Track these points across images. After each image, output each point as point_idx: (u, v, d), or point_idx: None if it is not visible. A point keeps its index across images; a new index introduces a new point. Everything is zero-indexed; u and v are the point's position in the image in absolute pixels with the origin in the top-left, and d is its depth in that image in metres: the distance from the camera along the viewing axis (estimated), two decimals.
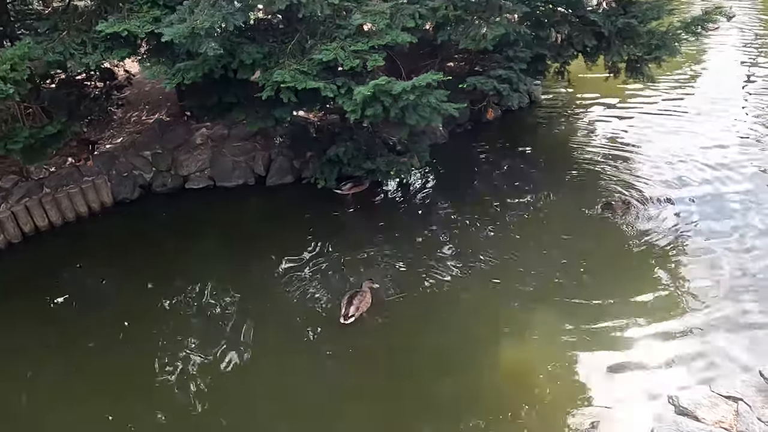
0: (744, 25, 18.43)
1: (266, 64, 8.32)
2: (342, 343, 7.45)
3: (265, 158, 11.18)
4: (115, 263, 9.36)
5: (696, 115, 12.60)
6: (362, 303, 7.62)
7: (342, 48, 8.02)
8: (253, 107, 9.39)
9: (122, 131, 11.92)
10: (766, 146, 11.11)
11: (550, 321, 7.39)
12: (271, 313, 8.02)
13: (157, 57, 8.43)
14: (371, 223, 9.72)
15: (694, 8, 18.74)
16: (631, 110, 12.96)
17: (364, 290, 7.78)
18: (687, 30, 10.10)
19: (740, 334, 6.99)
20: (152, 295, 8.54)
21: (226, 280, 8.63)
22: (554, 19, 10.52)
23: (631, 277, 8.13)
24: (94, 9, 8.57)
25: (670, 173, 10.42)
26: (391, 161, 9.97)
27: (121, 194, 10.83)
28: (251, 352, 7.42)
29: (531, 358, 6.97)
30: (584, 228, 9.19)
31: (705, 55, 15.93)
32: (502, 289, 8.03)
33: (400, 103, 7.90)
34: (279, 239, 9.42)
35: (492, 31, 8.47)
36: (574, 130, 12.38)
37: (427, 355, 7.19)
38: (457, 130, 12.22)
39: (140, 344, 7.65)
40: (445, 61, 11.30)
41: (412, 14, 8.51)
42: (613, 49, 10.17)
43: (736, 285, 7.71)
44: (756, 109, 12.74)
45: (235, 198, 10.83)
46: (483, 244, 8.96)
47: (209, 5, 7.17)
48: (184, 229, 10.00)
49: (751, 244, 8.48)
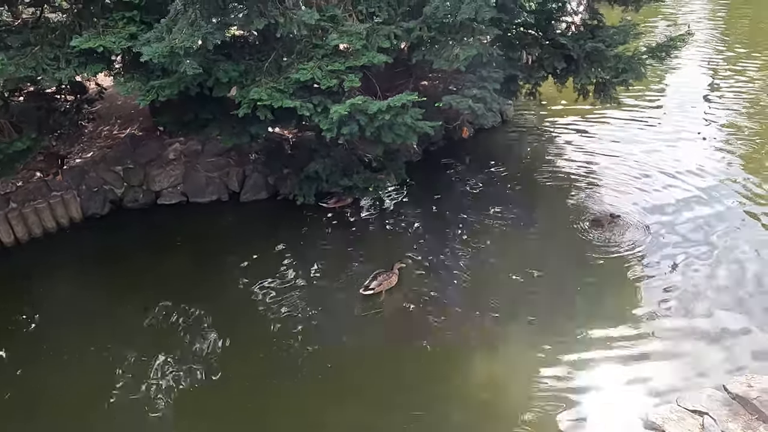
0: (706, 43, 19.31)
1: (243, 82, 8.34)
2: (313, 362, 7.42)
3: (240, 174, 11.15)
4: (83, 280, 9.20)
5: (662, 131, 13.06)
6: (386, 282, 8.29)
7: (319, 67, 8.10)
8: (228, 123, 9.37)
9: (93, 145, 11.74)
10: (733, 161, 11.58)
11: (519, 339, 7.51)
12: (242, 332, 7.95)
13: (132, 73, 8.38)
14: (345, 240, 9.76)
15: (658, 28, 19.55)
16: (600, 128, 13.33)
17: (394, 272, 8.40)
18: (652, 55, 10.48)
19: (706, 349, 7.20)
20: (120, 313, 8.38)
21: (196, 298, 8.54)
22: (525, 41, 10.82)
23: (600, 294, 8.31)
24: (68, 24, 8.48)
25: (639, 189, 10.74)
26: (367, 178, 10.06)
27: (91, 209, 10.66)
28: (221, 370, 7.33)
29: (498, 376, 7.07)
30: (556, 244, 9.40)
31: (669, 73, 16.55)
32: (474, 305, 8.13)
33: (376, 123, 8.01)
34: (252, 255, 9.38)
35: (465, 52, 8.64)
36: (545, 148, 12.68)
37: (393, 369, 7.25)
38: (432, 147, 12.39)
39: (107, 361, 7.50)
40: (419, 80, 11.47)
41: (387, 35, 8.67)
42: (581, 72, 10.49)
43: (703, 300, 7.96)
44: (718, 124, 13.33)
45: (208, 214, 10.76)
46: (456, 259, 9.08)
47: (188, 24, 7.16)
48: (155, 246, 9.88)
49: (717, 257, 8.77)
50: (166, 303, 8.44)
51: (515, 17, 9.98)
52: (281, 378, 7.20)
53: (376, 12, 9.16)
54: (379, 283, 8.25)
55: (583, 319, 7.78)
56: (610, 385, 6.82)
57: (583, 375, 6.96)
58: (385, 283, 8.28)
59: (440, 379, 7.07)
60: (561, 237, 9.60)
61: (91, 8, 8.59)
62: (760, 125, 13.04)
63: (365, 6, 9.07)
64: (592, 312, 7.89)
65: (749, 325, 7.47)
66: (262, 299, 8.48)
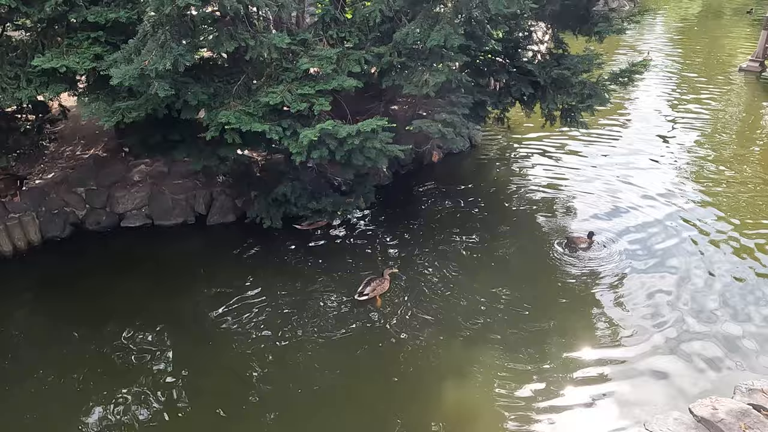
0: (667, 69, 20.13)
1: (211, 105, 8.25)
2: (275, 382, 7.26)
3: (207, 196, 10.95)
4: (37, 306, 8.84)
5: (627, 154, 13.50)
6: (379, 287, 8.56)
7: (289, 91, 8.08)
8: (196, 145, 9.24)
9: (54, 166, 11.40)
10: (695, 184, 12.00)
11: (489, 361, 7.50)
12: (202, 360, 7.71)
13: (96, 93, 8.20)
14: (313, 263, 9.64)
15: (619, 57, 20.24)
16: (566, 152, 13.64)
17: (385, 277, 8.66)
18: (615, 82, 10.80)
19: (672, 372, 7.30)
20: (77, 340, 8.06)
21: (158, 323, 8.28)
22: (493, 68, 11.03)
23: (566, 315, 8.37)
24: (31, 43, 8.28)
25: (605, 213, 10.96)
26: (337, 201, 10.00)
27: (51, 232, 10.30)
28: (185, 400, 7.08)
29: (468, 399, 7.02)
30: (523, 266, 9.49)
31: (633, 98, 17.17)
32: (444, 327, 8.10)
33: (346, 147, 8.00)
34: (216, 280, 9.18)
35: (434, 77, 8.75)
36: (513, 172, 12.86)
37: (367, 392, 7.14)
38: (401, 171, 12.43)
39: (57, 391, 7.19)
40: (390, 104, 11.56)
41: (357, 60, 8.72)
42: (548, 98, 10.72)
43: (669, 322, 8.09)
44: (680, 146, 13.92)
45: (173, 237, 10.51)
46: (425, 282, 9.06)
47: (158, 45, 7.06)
48: (116, 269, 9.54)
49: (681, 279, 8.98)
50: (125, 329, 8.15)
51: (483, 45, 10.17)
52: (237, 420, 6.87)
53: (347, 37, 9.23)
54: (373, 288, 8.50)
55: (549, 340, 7.83)
56: (576, 410, 6.83)
57: (547, 400, 6.95)
58: (378, 288, 8.54)
59: (404, 401, 6.98)
60: (528, 258, 9.69)
61: (55, 27, 8.42)
62: (715, 149, 13.62)
63: (336, 31, 9.13)
64: (557, 333, 7.95)
65: (715, 348, 7.63)
66: (225, 326, 8.25)
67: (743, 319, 8.15)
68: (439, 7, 9.10)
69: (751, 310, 8.31)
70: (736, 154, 13.45)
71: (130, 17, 8.15)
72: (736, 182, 12.00)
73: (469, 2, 8.62)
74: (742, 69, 19.76)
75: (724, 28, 28.17)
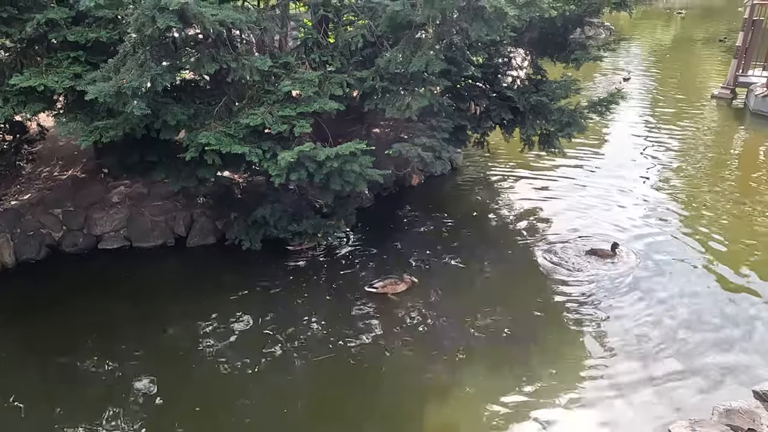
0: (641, 95, 20.60)
1: (191, 125, 8.23)
2: (256, 406, 7.10)
3: (187, 218, 10.86)
4: (7, 331, 8.58)
5: (605, 177, 13.71)
6: (390, 286, 8.81)
7: (270, 113, 8.10)
8: (176, 166, 9.18)
9: (31, 187, 11.24)
10: (674, 204, 12.24)
11: (472, 381, 7.45)
12: (179, 387, 7.53)
13: (75, 113, 8.14)
14: (293, 287, 9.55)
15: (597, 83, 20.72)
16: (546, 176, 13.81)
17: (404, 280, 8.90)
18: (593, 110, 11.03)
19: (651, 394, 7.28)
20: (50, 368, 7.83)
21: (136, 348, 8.10)
22: (474, 93, 11.22)
23: (552, 335, 8.36)
24: (9, 62, 8.22)
25: (586, 236, 11.03)
26: (317, 224, 9.98)
27: (25, 254, 10.11)
28: (164, 427, 6.88)
29: (451, 419, 6.95)
30: (505, 286, 9.54)
31: (612, 122, 17.54)
32: (426, 352, 8.04)
33: (324, 170, 8.01)
34: (196, 302, 9.03)
35: (416, 102, 8.85)
36: (494, 195, 12.98)
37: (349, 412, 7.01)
38: (383, 194, 12.47)
39: (31, 424, 6.92)
40: (371, 127, 11.64)
41: (340, 83, 8.80)
42: (527, 124, 10.90)
43: (651, 345, 8.08)
44: (656, 171, 14.17)
45: (152, 259, 10.37)
46: (405, 306, 9.02)
47: (137, 65, 7.06)
48: (92, 293, 9.34)
49: (669, 304, 8.99)
50: (100, 355, 7.95)
51: (464, 70, 10.35)
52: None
53: (329, 61, 9.33)
54: (384, 285, 8.75)
55: (532, 360, 7.80)
56: (557, 430, 6.81)
57: (528, 420, 6.89)
58: (389, 286, 8.75)
59: (386, 421, 6.89)
60: (510, 278, 9.74)
61: (35, 47, 8.39)
62: (694, 171, 13.90)
63: (318, 55, 9.22)
64: (539, 353, 7.93)
65: (693, 371, 7.66)
66: (204, 349, 8.11)
67: (726, 340, 8.18)
68: (421, 33, 9.25)
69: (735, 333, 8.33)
70: (710, 177, 13.77)
71: (110, 37, 8.15)
72: (708, 206, 12.23)
73: (450, 29, 8.79)
74: (714, 96, 20.32)
75: (697, 57, 29.05)
